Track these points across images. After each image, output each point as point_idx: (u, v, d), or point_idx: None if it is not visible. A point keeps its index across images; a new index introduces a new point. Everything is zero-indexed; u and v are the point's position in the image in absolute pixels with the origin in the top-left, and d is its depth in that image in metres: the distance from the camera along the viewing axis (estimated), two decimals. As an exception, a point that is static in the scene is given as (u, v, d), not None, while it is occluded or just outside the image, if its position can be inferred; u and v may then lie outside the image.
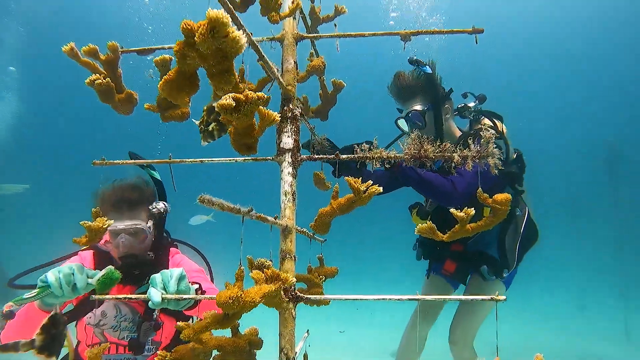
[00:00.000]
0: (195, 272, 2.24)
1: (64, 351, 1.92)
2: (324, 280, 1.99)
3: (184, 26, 0.78)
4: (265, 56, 1.24)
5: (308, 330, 1.93)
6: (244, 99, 0.96)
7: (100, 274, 1.47)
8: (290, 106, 1.50)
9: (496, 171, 1.43)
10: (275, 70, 1.36)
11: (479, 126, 3.00)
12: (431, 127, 2.91)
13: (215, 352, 1.36)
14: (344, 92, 2.07)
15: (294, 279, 1.38)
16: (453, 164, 1.42)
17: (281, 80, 1.41)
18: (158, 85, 0.94)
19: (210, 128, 1.10)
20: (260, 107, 1.05)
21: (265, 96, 1.00)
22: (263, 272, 1.13)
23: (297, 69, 1.56)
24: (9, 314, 1.65)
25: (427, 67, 2.85)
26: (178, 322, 1.23)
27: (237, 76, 0.97)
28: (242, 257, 1.18)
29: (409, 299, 1.37)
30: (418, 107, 2.90)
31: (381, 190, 1.39)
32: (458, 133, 3.09)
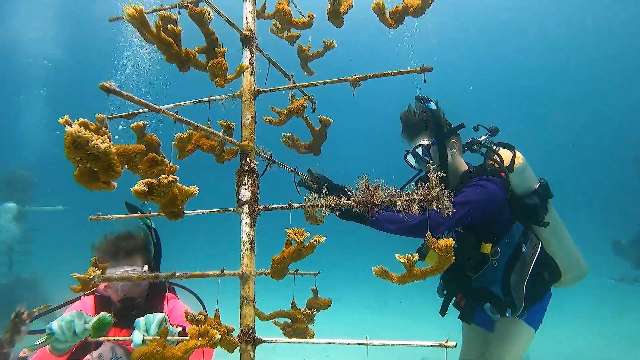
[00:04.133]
0: (181, 320, 2.32)
1: None
2: (318, 312, 2.07)
3: (65, 136, 0.93)
4: (200, 125, 1.36)
5: (304, 360, 2.02)
6: (157, 183, 1.09)
7: (94, 319, 1.69)
8: (248, 160, 1.61)
9: (449, 213, 1.42)
10: (221, 133, 1.48)
11: (491, 161, 2.92)
12: (436, 161, 2.90)
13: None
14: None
15: (245, 324, 1.48)
16: (397, 209, 1.42)
17: (230, 139, 1.52)
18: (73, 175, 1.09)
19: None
20: (178, 184, 1.17)
21: (176, 178, 1.12)
22: (199, 326, 1.25)
23: (255, 122, 1.66)
24: (24, 359, 1.89)
25: (432, 103, 2.88)
26: None
27: (150, 161, 1.10)
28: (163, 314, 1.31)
29: (358, 344, 1.41)
30: (424, 142, 2.92)
31: (322, 241, 1.44)
32: (464, 169, 3.02)
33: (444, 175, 1.48)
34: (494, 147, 3.03)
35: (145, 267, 2.31)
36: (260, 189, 1.66)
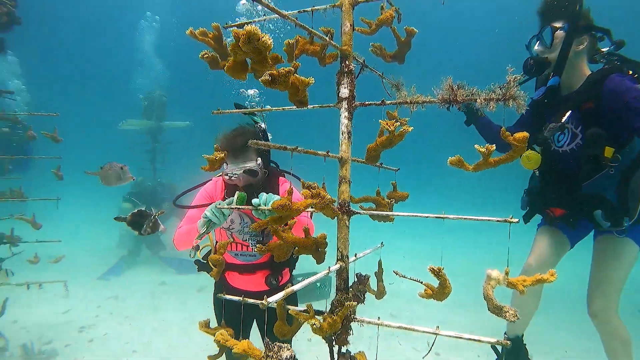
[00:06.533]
0: (297, 198, 2.77)
1: (208, 248, 2.80)
2: (397, 202, 2.40)
3: (234, 34, 1.24)
4: (314, 30, 1.62)
5: (382, 243, 2.40)
6: (277, 73, 1.39)
7: (235, 197, 2.20)
8: (347, 62, 1.87)
9: (523, 112, 1.62)
10: (327, 38, 1.74)
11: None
12: (556, 49, 2.80)
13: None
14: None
15: (343, 198, 1.84)
16: (477, 106, 1.65)
17: (333, 43, 1.78)
18: (225, 68, 1.42)
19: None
20: (295, 75, 1.47)
21: (293, 69, 1.42)
22: (311, 191, 1.61)
23: (353, 30, 1.90)
24: (197, 247, 2.53)
25: None
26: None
27: (274, 59, 1.41)
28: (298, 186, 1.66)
29: (435, 217, 1.72)
30: (555, 24, 2.82)
31: (410, 130, 1.70)
32: (587, 72, 2.91)
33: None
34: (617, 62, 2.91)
35: (259, 160, 2.68)
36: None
